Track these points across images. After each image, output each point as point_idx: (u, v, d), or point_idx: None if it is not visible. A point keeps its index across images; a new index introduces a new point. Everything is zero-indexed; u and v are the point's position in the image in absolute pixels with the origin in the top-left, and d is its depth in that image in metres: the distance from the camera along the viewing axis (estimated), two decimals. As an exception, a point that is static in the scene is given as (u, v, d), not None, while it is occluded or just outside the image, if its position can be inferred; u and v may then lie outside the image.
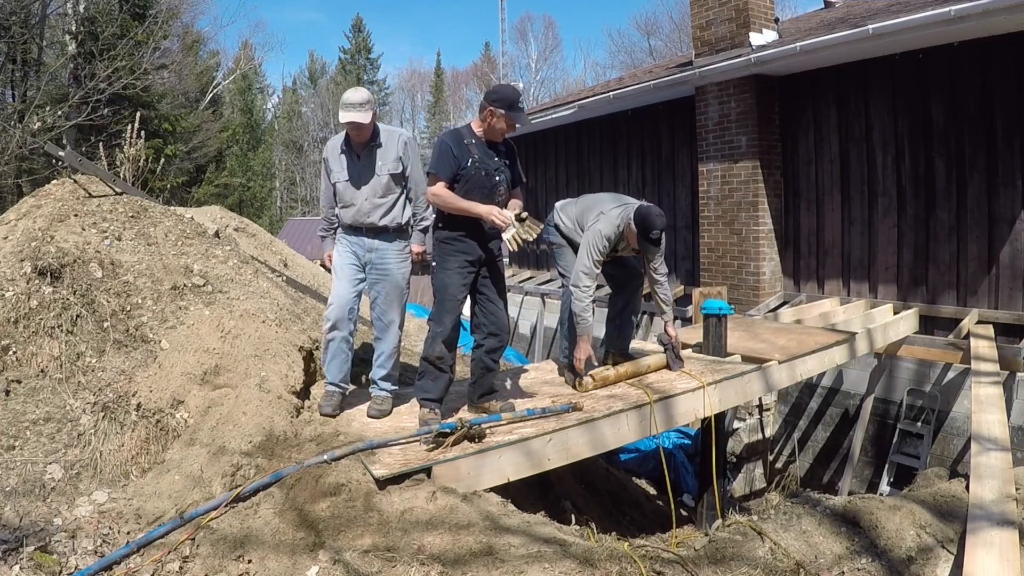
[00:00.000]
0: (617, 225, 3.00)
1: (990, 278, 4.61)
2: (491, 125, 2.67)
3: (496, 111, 2.62)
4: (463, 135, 2.70)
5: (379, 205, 2.78)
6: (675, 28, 26.25)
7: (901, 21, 4.46)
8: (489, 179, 2.71)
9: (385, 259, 2.82)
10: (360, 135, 2.71)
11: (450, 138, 2.70)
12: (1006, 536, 2.08)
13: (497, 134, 2.72)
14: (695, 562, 2.08)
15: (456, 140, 2.69)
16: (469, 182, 2.68)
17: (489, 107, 2.63)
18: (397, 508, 2.17)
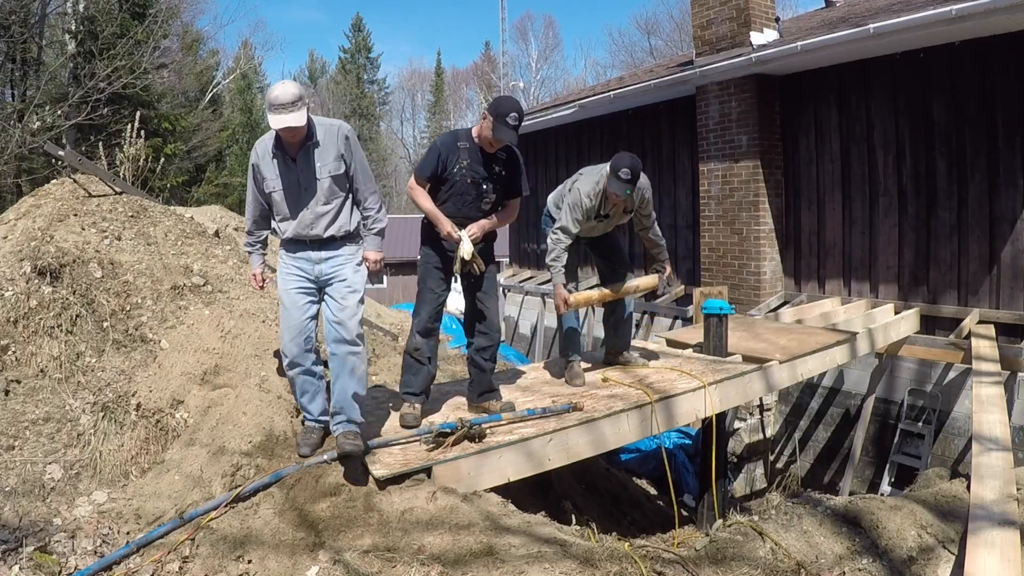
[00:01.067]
0: (596, 181, 3.01)
1: (991, 278, 4.60)
2: (482, 131, 2.64)
3: (488, 116, 2.59)
4: (459, 137, 2.66)
5: (322, 214, 2.37)
6: (676, 27, 26.23)
7: (902, 20, 4.45)
8: (475, 187, 2.65)
9: (339, 267, 2.44)
10: (294, 137, 2.30)
11: (444, 139, 2.67)
12: (1007, 536, 2.08)
13: (486, 142, 2.65)
14: (696, 562, 2.07)
15: (449, 142, 2.65)
16: (453, 187, 2.65)
17: (485, 112, 2.62)
18: (397, 508, 2.17)
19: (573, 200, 3.01)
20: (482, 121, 2.63)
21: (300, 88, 2.31)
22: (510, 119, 2.53)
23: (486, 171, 2.67)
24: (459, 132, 2.71)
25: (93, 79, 10.05)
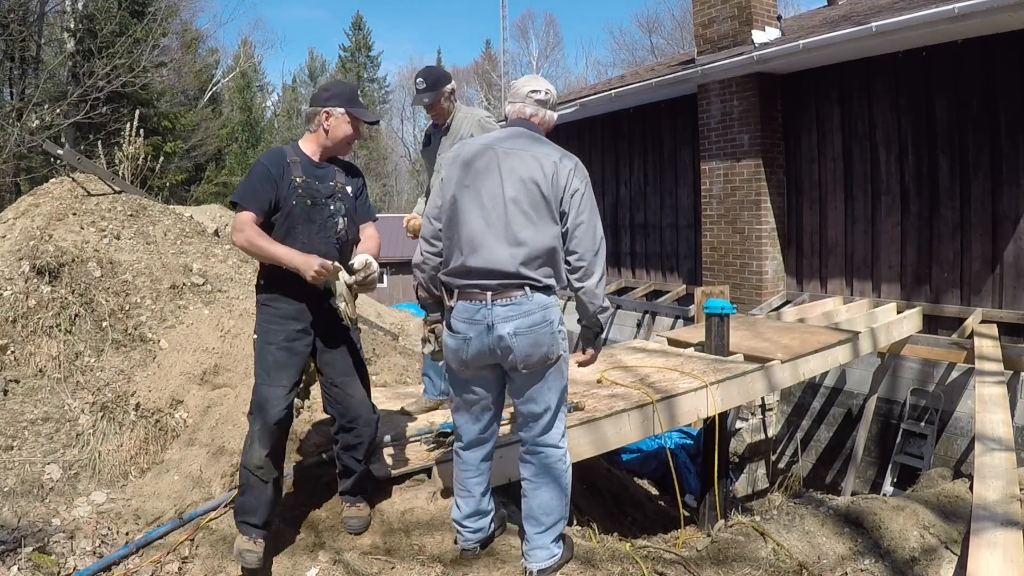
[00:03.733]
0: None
1: (994, 277, 4.59)
2: (329, 134, 2.00)
3: (333, 111, 1.97)
4: (286, 152, 2.01)
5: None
6: (677, 26, 26.19)
7: (904, 19, 4.43)
8: (318, 210, 1.98)
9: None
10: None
11: (268, 157, 1.99)
12: (1010, 537, 2.07)
13: (341, 145, 2.04)
14: (697, 563, 2.06)
15: (275, 159, 1.98)
16: (290, 216, 1.95)
17: (323, 109, 1.97)
18: (397, 508, 2.16)
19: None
20: (320, 121, 1.99)
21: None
22: (360, 98, 2.07)
23: (327, 187, 2.02)
24: (284, 147, 2.07)
25: (92, 77, 10.04)
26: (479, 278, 1.75)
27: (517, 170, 1.76)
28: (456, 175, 1.80)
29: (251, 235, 1.88)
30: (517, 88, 1.92)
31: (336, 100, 1.98)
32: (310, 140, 2.04)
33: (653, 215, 7.20)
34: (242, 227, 1.89)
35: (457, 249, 1.77)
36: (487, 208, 1.74)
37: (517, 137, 1.84)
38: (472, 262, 1.74)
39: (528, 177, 1.75)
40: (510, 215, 1.73)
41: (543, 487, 1.86)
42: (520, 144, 1.81)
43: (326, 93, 2.00)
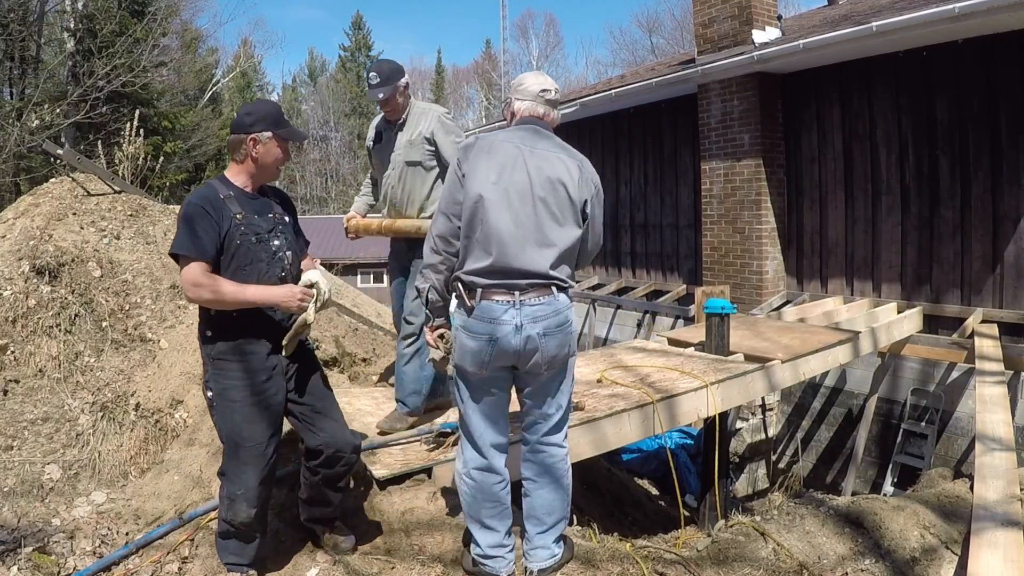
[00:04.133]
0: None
1: (995, 277, 4.58)
2: (259, 162, 1.83)
3: (260, 137, 1.80)
4: (216, 188, 1.82)
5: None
6: (677, 25, 26.19)
7: (905, 19, 4.43)
8: (263, 247, 1.82)
9: None
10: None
11: (199, 197, 1.77)
12: (1011, 537, 2.06)
13: (272, 171, 1.87)
14: (698, 563, 2.06)
15: (208, 197, 1.78)
16: (236, 257, 1.77)
17: (250, 136, 1.79)
18: (398, 508, 2.16)
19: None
20: (247, 150, 1.81)
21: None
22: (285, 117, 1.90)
23: (268, 220, 1.86)
24: (212, 182, 1.88)
25: (92, 77, 10.04)
26: (508, 278, 1.70)
27: (545, 170, 1.75)
28: (482, 171, 1.72)
29: (214, 285, 1.69)
30: (526, 86, 1.87)
31: (262, 124, 1.81)
32: (239, 171, 1.85)
33: (653, 215, 7.19)
34: (198, 280, 1.67)
35: (481, 248, 1.70)
36: (516, 207, 1.70)
37: (537, 137, 1.83)
38: (501, 262, 1.69)
39: (556, 179, 1.75)
40: (540, 216, 1.72)
41: (546, 487, 1.85)
42: (543, 145, 1.81)
43: (249, 118, 1.81)
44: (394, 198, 2.66)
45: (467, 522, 1.86)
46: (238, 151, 1.83)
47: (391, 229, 2.70)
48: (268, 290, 1.77)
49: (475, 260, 1.71)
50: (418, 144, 2.59)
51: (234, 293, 1.71)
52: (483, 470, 1.81)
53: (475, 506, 1.82)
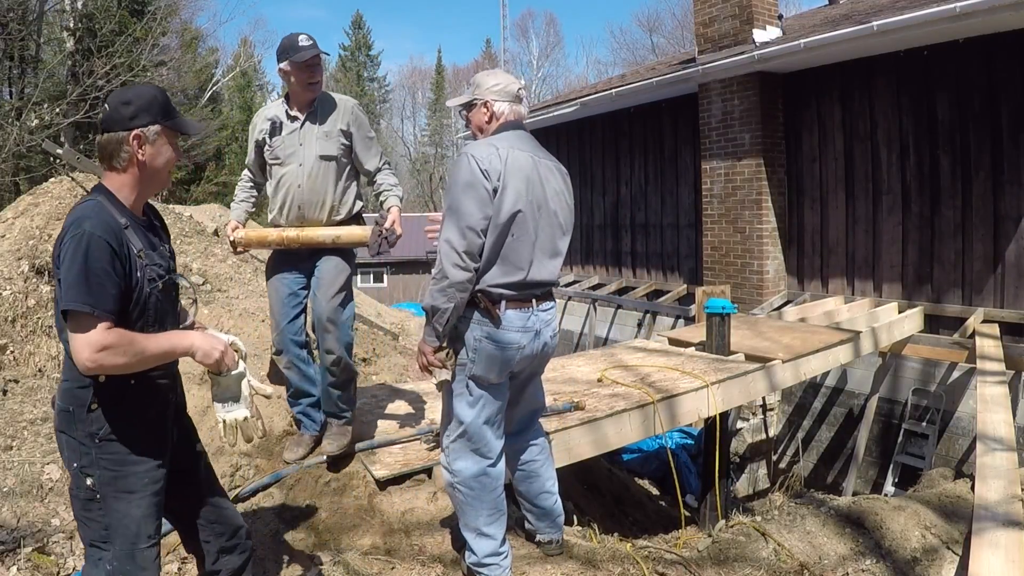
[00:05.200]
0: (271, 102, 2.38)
1: (996, 277, 4.58)
2: (147, 166, 1.36)
3: (147, 132, 1.33)
4: (110, 211, 1.31)
5: None
6: (678, 25, 26.17)
7: (906, 18, 4.42)
8: (168, 297, 1.43)
9: None
10: None
11: (100, 227, 1.26)
12: (1012, 537, 2.06)
13: (163, 177, 1.41)
14: (698, 563, 2.06)
15: (109, 228, 1.28)
16: (146, 311, 1.34)
17: (132, 133, 1.32)
18: (398, 509, 2.15)
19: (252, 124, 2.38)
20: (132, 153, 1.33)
21: None
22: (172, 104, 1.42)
23: (162, 256, 1.43)
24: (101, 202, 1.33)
25: (91, 77, 10.03)
26: (530, 288, 1.75)
27: (551, 182, 1.81)
28: (513, 185, 1.67)
29: (132, 345, 1.25)
30: (503, 86, 1.80)
31: (146, 115, 1.33)
32: (120, 183, 1.35)
33: (654, 215, 7.19)
34: (108, 343, 1.22)
35: (511, 263, 1.70)
36: (539, 221, 1.74)
37: (533, 144, 1.82)
38: (531, 276, 1.74)
39: (561, 190, 1.83)
40: (553, 227, 1.79)
41: (547, 462, 2.00)
42: (541, 153, 1.83)
43: (128, 108, 1.32)
44: (300, 200, 2.24)
45: (463, 531, 1.85)
46: (117, 156, 1.33)
47: (299, 240, 2.23)
48: (181, 335, 1.37)
49: (504, 275, 1.70)
50: (334, 137, 2.25)
51: (148, 346, 1.28)
52: (483, 476, 1.79)
53: (472, 514, 1.81)
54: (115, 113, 1.33)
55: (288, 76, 2.18)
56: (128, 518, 1.33)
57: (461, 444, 1.79)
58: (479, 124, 1.83)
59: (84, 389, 1.31)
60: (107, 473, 1.32)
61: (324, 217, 2.29)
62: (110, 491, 1.32)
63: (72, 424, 1.31)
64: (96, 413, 1.31)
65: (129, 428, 1.33)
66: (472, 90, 1.84)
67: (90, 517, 1.33)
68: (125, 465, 1.33)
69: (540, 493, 1.97)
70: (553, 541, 2.01)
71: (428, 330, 1.71)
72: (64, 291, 1.23)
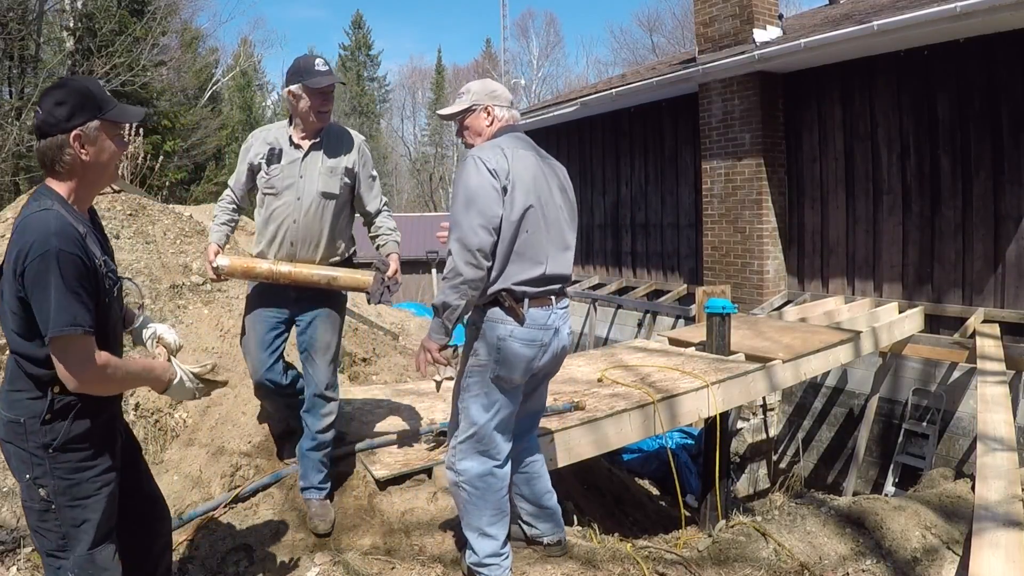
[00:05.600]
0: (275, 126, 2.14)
1: (996, 277, 4.58)
2: (91, 167, 1.31)
3: (86, 130, 1.27)
4: (70, 220, 1.26)
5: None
6: (678, 25, 26.16)
7: (906, 18, 4.42)
8: (118, 303, 1.42)
9: None
10: None
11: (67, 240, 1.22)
12: (1012, 537, 2.06)
13: (110, 173, 1.37)
14: (698, 563, 2.06)
15: (75, 238, 1.24)
16: (107, 320, 1.34)
17: (72, 135, 1.26)
18: (398, 509, 2.15)
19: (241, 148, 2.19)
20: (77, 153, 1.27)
21: None
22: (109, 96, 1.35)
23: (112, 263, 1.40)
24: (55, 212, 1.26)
25: (91, 76, 10.02)
26: (549, 284, 1.77)
27: (557, 176, 1.85)
28: (522, 183, 1.71)
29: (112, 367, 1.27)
30: (499, 93, 1.87)
31: (83, 113, 1.26)
32: (68, 189, 1.30)
33: (654, 214, 7.19)
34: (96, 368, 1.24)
35: (529, 260, 1.72)
36: (549, 216, 1.77)
37: (534, 145, 1.88)
38: (549, 270, 1.76)
39: (565, 186, 1.87)
40: (562, 222, 1.82)
41: (543, 460, 2.02)
42: (542, 152, 1.88)
43: (63, 109, 1.25)
44: (294, 236, 2.08)
45: (465, 531, 1.85)
46: (59, 160, 1.27)
47: (291, 278, 2.05)
48: (146, 363, 1.37)
49: (522, 271, 1.72)
50: (339, 174, 2.10)
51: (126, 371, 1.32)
52: (489, 476, 1.79)
53: (476, 514, 1.81)
54: (50, 116, 1.27)
55: (297, 100, 2.00)
56: (86, 523, 1.32)
57: (469, 445, 1.79)
58: (478, 129, 1.85)
59: (38, 400, 1.28)
60: (61, 483, 1.29)
61: (316, 257, 2.13)
62: (64, 500, 1.30)
63: (23, 436, 1.28)
64: (50, 424, 1.28)
65: (82, 436, 1.31)
66: (469, 97, 1.86)
67: (46, 528, 1.31)
68: (79, 472, 1.31)
69: (544, 493, 1.98)
70: (560, 542, 2.02)
71: (436, 326, 1.71)
72: (48, 314, 1.19)
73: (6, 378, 1.32)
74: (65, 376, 1.23)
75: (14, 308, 1.24)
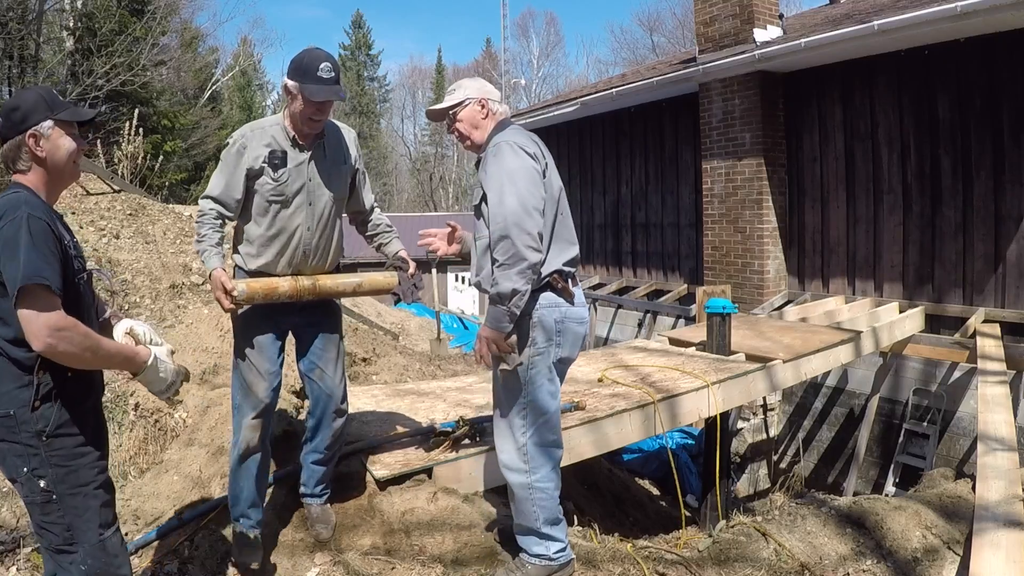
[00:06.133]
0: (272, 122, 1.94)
1: (997, 277, 4.57)
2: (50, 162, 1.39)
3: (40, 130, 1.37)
4: (38, 200, 1.36)
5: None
6: (678, 24, 26.17)
7: (907, 17, 4.41)
8: (89, 286, 1.48)
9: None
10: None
11: (38, 209, 1.32)
12: (1013, 537, 2.06)
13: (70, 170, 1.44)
14: (699, 563, 2.06)
15: (46, 211, 1.35)
16: (77, 302, 1.37)
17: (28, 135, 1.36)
18: (398, 509, 2.15)
19: (223, 152, 1.94)
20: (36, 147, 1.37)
21: None
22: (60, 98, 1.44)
23: (79, 249, 1.48)
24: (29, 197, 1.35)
25: (91, 76, 10.04)
26: (576, 263, 1.85)
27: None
28: (551, 166, 1.79)
29: (86, 334, 1.29)
30: (490, 90, 1.90)
31: (36, 114, 1.37)
32: (33, 183, 1.39)
33: (654, 214, 7.18)
34: (60, 324, 1.24)
35: (566, 240, 1.80)
36: (565, 198, 1.85)
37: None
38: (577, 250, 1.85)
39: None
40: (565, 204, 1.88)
41: None
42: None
43: (17, 113, 1.37)
44: (308, 246, 1.93)
45: (528, 534, 1.81)
46: (19, 158, 1.38)
47: (317, 292, 1.92)
48: (121, 346, 1.41)
49: (565, 252, 1.79)
50: (346, 173, 1.99)
51: (99, 345, 1.32)
52: (558, 467, 1.85)
53: (547, 510, 1.80)
54: (7, 121, 1.38)
55: (292, 99, 1.84)
56: (88, 511, 1.34)
57: (539, 437, 1.77)
58: (474, 122, 1.84)
59: (24, 388, 1.30)
60: (59, 470, 1.32)
61: (326, 265, 2.00)
62: (65, 488, 1.32)
63: (15, 428, 1.30)
64: (39, 411, 1.31)
65: (72, 420, 1.34)
66: (461, 92, 1.86)
67: (50, 521, 1.33)
68: (75, 459, 1.34)
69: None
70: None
71: (499, 315, 1.65)
72: (17, 270, 1.22)
73: None
74: (31, 333, 1.23)
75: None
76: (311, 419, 2.07)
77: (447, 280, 19.08)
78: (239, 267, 1.97)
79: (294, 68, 1.83)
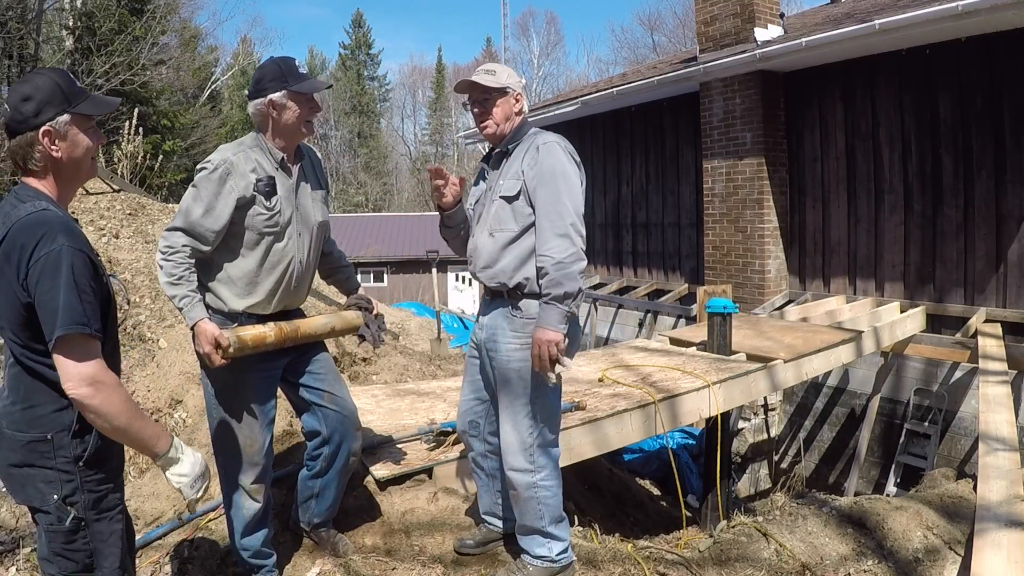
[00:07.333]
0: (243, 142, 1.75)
1: (998, 276, 4.56)
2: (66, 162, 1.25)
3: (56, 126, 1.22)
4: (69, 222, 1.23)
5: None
6: (679, 23, 26.15)
7: (908, 16, 4.40)
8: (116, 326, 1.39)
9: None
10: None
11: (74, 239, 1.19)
12: (1014, 537, 2.05)
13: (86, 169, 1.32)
14: (699, 563, 2.05)
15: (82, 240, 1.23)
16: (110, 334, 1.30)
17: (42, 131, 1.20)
18: (398, 509, 2.15)
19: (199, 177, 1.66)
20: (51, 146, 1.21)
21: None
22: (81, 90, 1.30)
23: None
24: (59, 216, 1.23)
25: (91, 75, 10.04)
26: None
27: None
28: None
29: (120, 387, 1.19)
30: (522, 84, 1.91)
31: (52, 107, 1.20)
32: (48, 186, 1.25)
33: (655, 214, 7.18)
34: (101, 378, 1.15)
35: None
36: None
37: None
38: None
39: None
40: None
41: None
42: None
43: (29, 105, 1.19)
44: (299, 279, 1.77)
45: (531, 534, 1.81)
46: (31, 158, 1.21)
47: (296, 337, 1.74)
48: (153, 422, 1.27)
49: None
50: (325, 198, 1.85)
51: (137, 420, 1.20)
52: (557, 464, 1.85)
53: (552, 509, 1.81)
54: (17, 113, 1.20)
55: (280, 111, 1.66)
56: (113, 535, 1.28)
57: (544, 437, 1.79)
58: (507, 113, 1.74)
59: (64, 411, 1.20)
60: (91, 496, 1.24)
61: (303, 301, 1.85)
62: (94, 515, 1.25)
63: (49, 453, 1.20)
64: (80, 437, 1.22)
65: (106, 452, 1.27)
66: (505, 77, 1.75)
67: (74, 549, 1.24)
68: (105, 483, 1.27)
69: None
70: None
71: (563, 316, 1.63)
72: (56, 313, 1.12)
73: (15, 397, 1.22)
74: (66, 376, 1.13)
75: (19, 320, 1.16)
76: (326, 448, 1.86)
77: (447, 280, 19.06)
78: (216, 311, 1.70)
79: (270, 79, 1.66)
